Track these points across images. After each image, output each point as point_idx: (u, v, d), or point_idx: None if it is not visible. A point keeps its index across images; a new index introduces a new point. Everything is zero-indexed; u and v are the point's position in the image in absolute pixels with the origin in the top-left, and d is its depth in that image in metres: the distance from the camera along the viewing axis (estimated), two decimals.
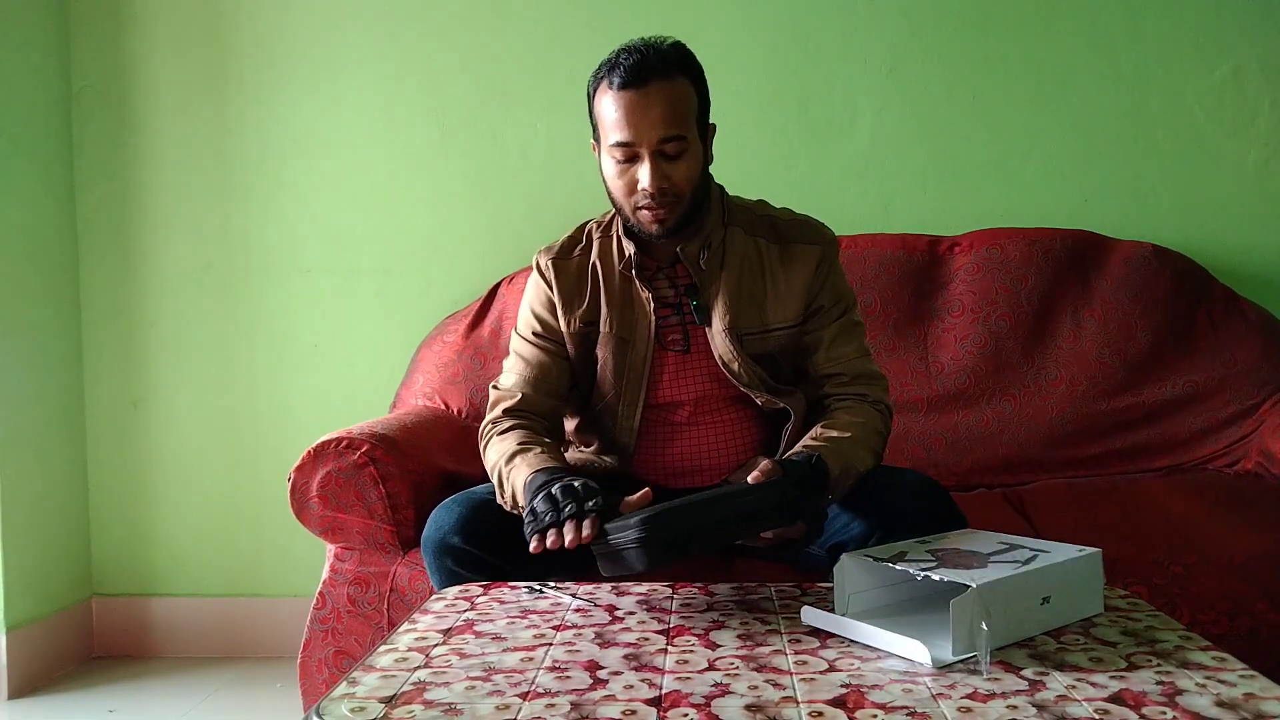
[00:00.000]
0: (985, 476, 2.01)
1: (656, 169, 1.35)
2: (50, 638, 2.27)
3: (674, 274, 1.49)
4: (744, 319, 1.45)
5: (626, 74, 1.33)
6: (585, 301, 1.50)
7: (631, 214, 1.41)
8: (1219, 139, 2.22)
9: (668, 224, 1.39)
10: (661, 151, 1.35)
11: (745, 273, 1.47)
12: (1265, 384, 2.00)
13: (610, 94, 1.35)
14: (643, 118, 1.33)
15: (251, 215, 2.39)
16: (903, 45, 2.28)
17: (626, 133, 1.34)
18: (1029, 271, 2.11)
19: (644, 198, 1.37)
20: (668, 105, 1.33)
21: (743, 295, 1.46)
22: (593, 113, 1.42)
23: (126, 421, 2.43)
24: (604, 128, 1.38)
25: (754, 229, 1.50)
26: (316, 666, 1.67)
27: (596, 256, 1.51)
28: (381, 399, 2.31)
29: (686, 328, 1.47)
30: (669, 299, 1.48)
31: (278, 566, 2.39)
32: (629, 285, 1.49)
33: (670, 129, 1.34)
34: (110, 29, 2.38)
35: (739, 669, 0.95)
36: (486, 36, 2.34)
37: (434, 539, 1.39)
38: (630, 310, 1.48)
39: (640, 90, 1.33)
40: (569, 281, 1.51)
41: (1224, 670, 0.92)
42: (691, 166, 1.38)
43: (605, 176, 1.42)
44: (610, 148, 1.37)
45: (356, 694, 0.90)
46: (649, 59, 1.34)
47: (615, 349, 1.47)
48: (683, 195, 1.38)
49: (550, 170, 2.34)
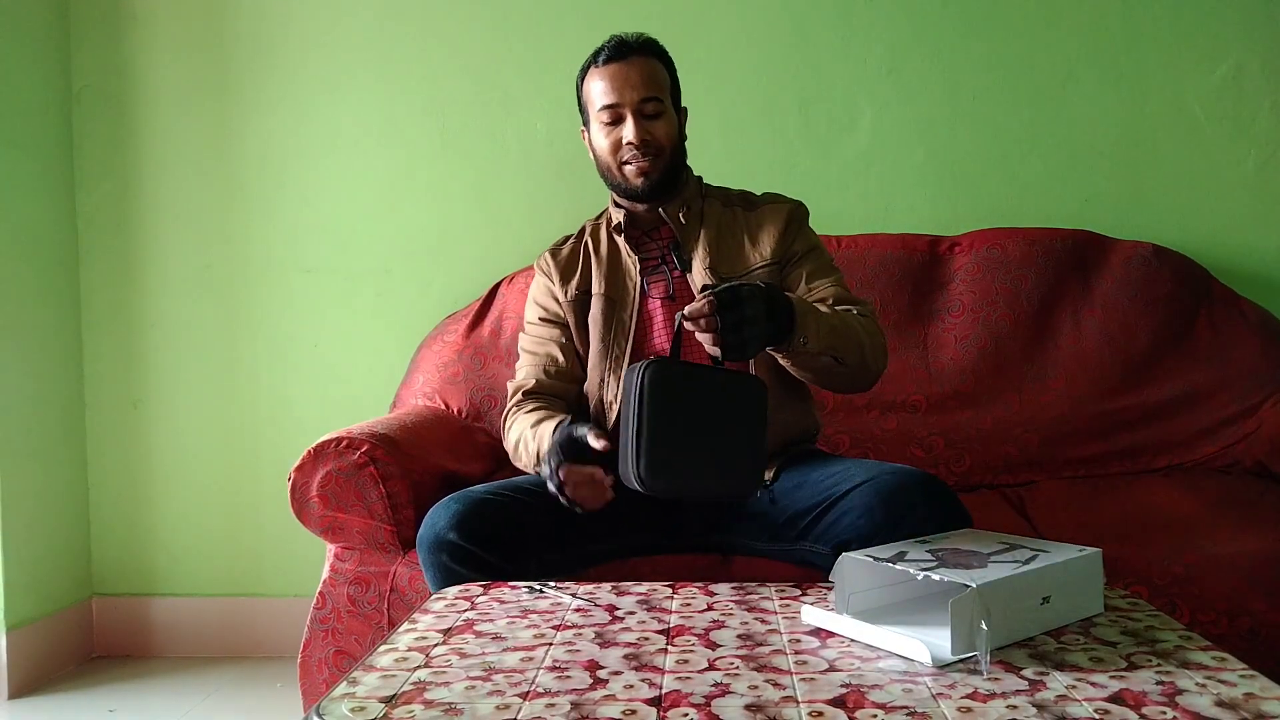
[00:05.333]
0: (985, 476, 2.01)
1: (639, 124, 1.55)
2: (50, 638, 2.27)
3: (658, 236, 1.64)
4: (723, 265, 1.59)
5: (610, 51, 1.56)
6: (579, 272, 1.66)
7: (618, 171, 1.58)
8: (1219, 139, 2.22)
9: (652, 177, 1.56)
10: (642, 111, 1.55)
11: (723, 231, 1.63)
12: (1265, 384, 2.00)
13: (596, 71, 1.57)
14: (624, 82, 1.54)
15: (251, 215, 2.39)
16: (903, 45, 2.28)
17: (611, 96, 1.55)
18: (1029, 271, 2.11)
19: (629, 151, 1.55)
20: (645, 73, 1.56)
21: (721, 247, 1.61)
22: (581, 99, 1.62)
23: (126, 421, 2.43)
24: (591, 102, 1.58)
25: (729, 202, 1.68)
26: (316, 666, 1.67)
27: (589, 236, 1.70)
28: (381, 399, 2.31)
29: (672, 280, 1.61)
30: (654, 260, 1.63)
31: (278, 566, 2.40)
32: (617, 253, 1.65)
33: (648, 90, 1.55)
34: (110, 29, 2.38)
35: (739, 669, 0.95)
36: (486, 37, 2.34)
37: (430, 535, 1.39)
38: (618, 273, 1.64)
39: (622, 61, 1.55)
40: (563, 263, 1.69)
41: (1224, 670, 0.92)
42: (668, 127, 1.57)
43: (595, 149, 1.60)
44: (598, 112, 1.57)
45: (356, 694, 0.90)
46: (627, 41, 1.57)
47: (604, 308, 1.62)
48: (663, 149, 1.57)
49: (550, 170, 2.35)
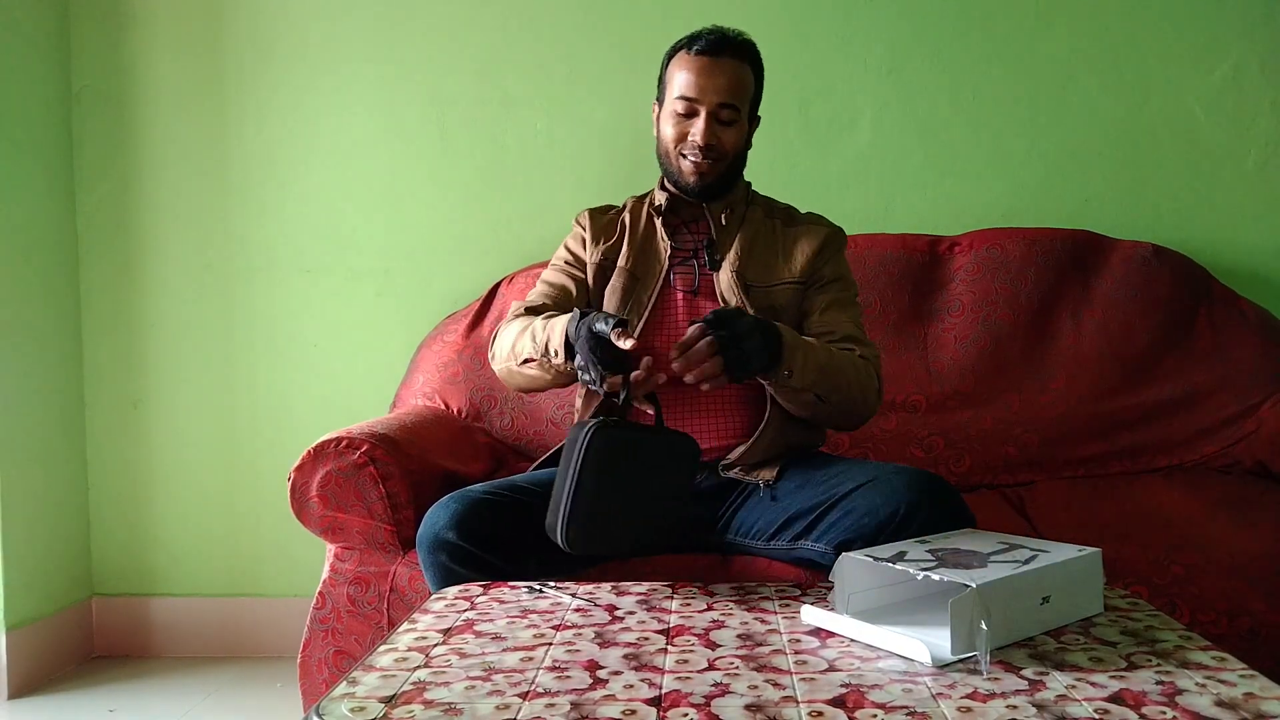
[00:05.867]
0: (985, 476, 2.01)
1: (710, 127, 1.54)
2: (50, 638, 2.27)
3: (696, 229, 1.65)
4: (751, 272, 1.60)
5: (706, 44, 1.54)
6: (611, 240, 1.67)
7: (676, 162, 1.59)
8: (1219, 139, 2.22)
9: (706, 178, 1.58)
10: (717, 115, 1.54)
11: (758, 240, 1.63)
12: (1265, 384, 2.00)
13: (687, 58, 1.55)
14: (709, 81, 1.53)
15: (251, 215, 2.39)
16: (903, 45, 2.28)
17: (693, 90, 1.53)
18: (1029, 271, 2.11)
19: (692, 149, 1.55)
20: (732, 78, 1.54)
21: (754, 255, 1.61)
22: (663, 77, 1.61)
23: (126, 421, 2.43)
24: (672, 86, 1.57)
25: (772, 212, 1.68)
26: (316, 666, 1.67)
27: (628, 210, 1.71)
28: (381, 399, 2.31)
29: (698, 275, 1.61)
30: (686, 251, 1.63)
31: (278, 566, 2.40)
32: (652, 234, 1.66)
33: (729, 97, 1.54)
34: (110, 29, 2.38)
35: (739, 669, 0.95)
36: (486, 36, 2.34)
37: (429, 535, 1.39)
38: (647, 254, 1.64)
39: (714, 59, 1.53)
40: (600, 225, 1.70)
41: (1224, 670, 0.92)
42: (737, 136, 1.58)
43: (660, 130, 1.61)
44: (674, 100, 1.56)
45: (356, 694, 0.90)
46: (728, 38, 1.55)
47: (626, 282, 1.62)
48: (725, 156, 1.57)
49: (550, 171, 2.35)
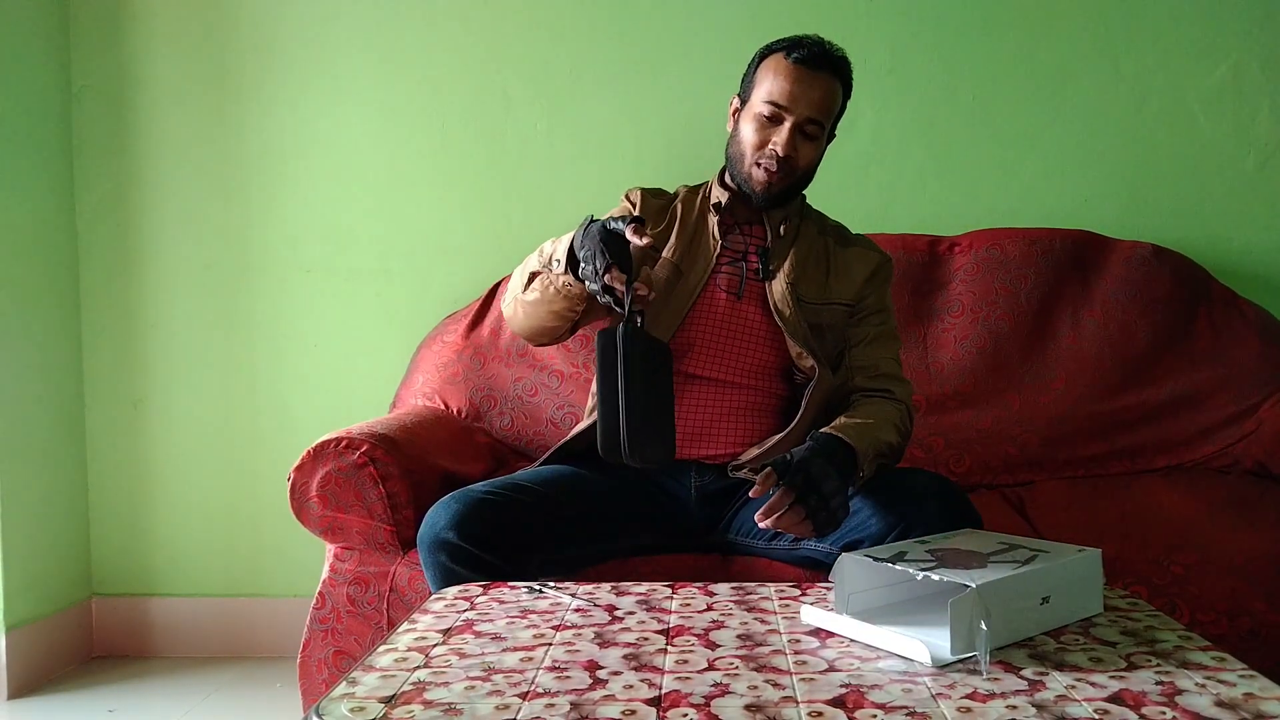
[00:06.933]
0: (985, 476, 2.01)
1: (793, 138, 1.52)
2: (50, 638, 2.27)
3: (749, 234, 1.62)
4: (803, 288, 1.59)
5: (806, 53, 1.51)
6: (659, 227, 1.63)
7: (748, 168, 1.55)
8: (1219, 139, 2.22)
9: (773, 190, 1.55)
10: (802, 128, 1.52)
11: (811, 257, 1.62)
12: (1265, 384, 2.00)
13: (784, 63, 1.52)
14: (803, 93, 1.50)
15: (251, 215, 2.39)
16: (903, 45, 2.28)
17: (785, 98, 1.50)
18: (1029, 271, 2.11)
19: (768, 158, 1.52)
20: (825, 94, 1.52)
21: (807, 271, 1.60)
22: (752, 75, 1.57)
23: (126, 421, 2.42)
24: (760, 88, 1.53)
25: (825, 230, 1.67)
26: (316, 666, 1.67)
27: (681, 201, 1.67)
28: (381, 399, 2.31)
29: (745, 279, 1.59)
30: (735, 253, 1.61)
31: (277, 566, 2.39)
32: (704, 230, 1.63)
33: (818, 113, 1.52)
34: (110, 28, 2.38)
35: (739, 669, 0.95)
36: (486, 36, 2.34)
37: (429, 535, 1.39)
38: (695, 249, 1.61)
39: (811, 71, 1.51)
40: (651, 209, 1.66)
41: (1224, 670, 0.92)
42: (815, 153, 1.56)
43: (739, 129, 1.57)
44: (762, 103, 1.52)
45: (356, 694, 0.90)
46: (828, 52, 1.53)
47: (670, 274, 1.58)
48: (797, 170, 1.55)
49: (550, 170, 2.34)
